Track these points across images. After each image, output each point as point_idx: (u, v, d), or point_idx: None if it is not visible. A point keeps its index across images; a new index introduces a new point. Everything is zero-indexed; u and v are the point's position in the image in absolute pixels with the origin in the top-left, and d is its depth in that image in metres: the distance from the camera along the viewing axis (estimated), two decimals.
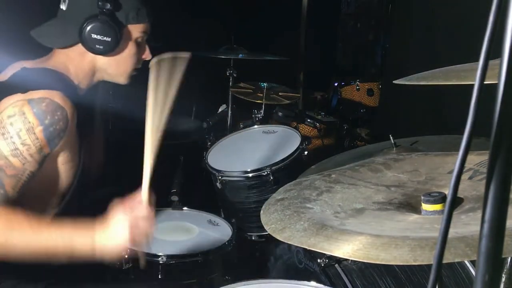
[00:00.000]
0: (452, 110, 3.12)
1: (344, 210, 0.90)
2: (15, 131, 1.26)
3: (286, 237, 0.82)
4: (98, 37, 1.41)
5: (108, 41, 1.42)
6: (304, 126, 3.28)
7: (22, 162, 1.28)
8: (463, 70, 0.90)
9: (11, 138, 1.26)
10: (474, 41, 0.88)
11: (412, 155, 1.13)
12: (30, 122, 1.27)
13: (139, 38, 1.51)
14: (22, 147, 1.27)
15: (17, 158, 1.27)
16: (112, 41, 1.43)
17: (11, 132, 1.26)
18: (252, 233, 2.41)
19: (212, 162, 2.43)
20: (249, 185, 2.32)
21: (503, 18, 0.47)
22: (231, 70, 3.18)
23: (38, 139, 1.28)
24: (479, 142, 0.87)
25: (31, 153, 1.28)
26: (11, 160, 1.26)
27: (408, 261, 0.68)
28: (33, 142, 1.28)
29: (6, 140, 1.26)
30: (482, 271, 0.51)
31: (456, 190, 0.51)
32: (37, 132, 1.28)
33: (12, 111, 1.27)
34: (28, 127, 1.27)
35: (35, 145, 1.29)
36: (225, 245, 1.91)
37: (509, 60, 0.46)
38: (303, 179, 1.06)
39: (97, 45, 1.42)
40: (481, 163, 0.98)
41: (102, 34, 1.41)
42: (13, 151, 1.26)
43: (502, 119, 0.48)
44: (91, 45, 1.42)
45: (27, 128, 1.27)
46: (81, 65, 1.47)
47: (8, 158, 1.26)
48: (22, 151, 1.27)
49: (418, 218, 0.86)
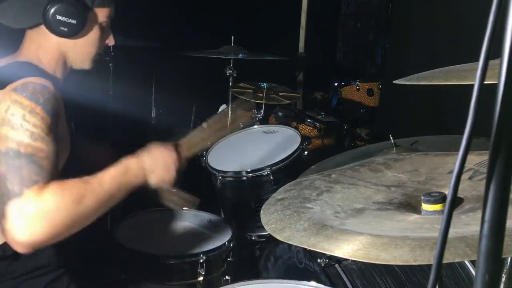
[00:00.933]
0: (452, 110, 3.12)
1: (344, 210, 0.90)
2: (21, 119, 1.25)
3: (286, 237, 0.82)
4: (63, 19, 1.38)
5: (74, 23, 1.39)
6: (304, 126, 3.28)
7: (44, 143, 1.27)
8: (463, 70, 0.90)
9: (21, 126, 1.25)
10: (474, 41, 0.88)
11: (412, 155, 1.13)
12: (28, 105, 1.26)
13: (104, 23, 1.48)
14: (35, 129, 1.26)
15: (39, 141, 1.26)
16: (77, 24, 1.40)
17: (18, 121, 1.25)
18: (252, 233, 2.41)
19: (212, 162, 2.43)
20: (249, 185, 2.32)
21: (503, 18, 0.47)
22: (231, 70, 3.18)
23: (43, 118, 1.27)
24: (479, 142, 0.87)
25: (46, 132, 1.27)
26: (35, 144, 1.25)
27: (408, 261, 0.68)
28: (41, 121, 1.27)
29: (18, 130, 1.25)
30: (482, 271, 0.51)
31: (456, 190, 0.51)
32: (39, 112, 1.27)
33: (5, 105, 1.26)
34: (30, 110, 1.26)
35: (44, 123, 1.28)
36: (225, 245, 1.91)
37: (509, 60, 0.46)
38: (303, 179, 1.06)
39: (61, 27, 1.38)
40: (481, 163, 0.98)
41: (67, 16, 1.38)
42: (31, 136, 1.25)
43: (502, 119, 0.48)
44: (56, 27, 1.39)
45: (29, 111, 1.26)
46: (50, 51, 1.44)
47: (32, 144, 1.25)
48: (39, 133, 1.26)
49: (418, 218, 0.86)
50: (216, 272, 1.89)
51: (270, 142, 2.55)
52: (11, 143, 1.23)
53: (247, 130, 2.71)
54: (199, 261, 1.81)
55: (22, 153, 1.23)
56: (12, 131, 1.24)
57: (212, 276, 1.87)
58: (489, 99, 0.49)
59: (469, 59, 0.89)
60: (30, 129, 1.25)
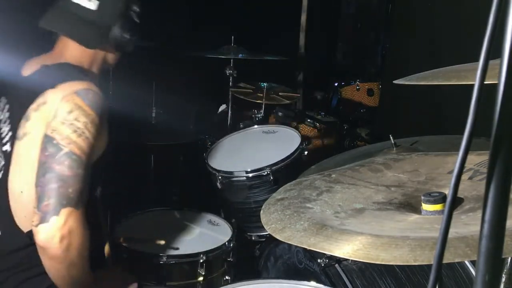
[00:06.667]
0: (452, 110, 3.12)
1: (344, 210, 0.90)
2: (84, 126, 1.33)
3: (286, 237, 0.82)
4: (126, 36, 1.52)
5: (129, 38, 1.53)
6: (304, 126, 3.28)
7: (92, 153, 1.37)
8: (463, 70, 0.90)
9: (83, 134, 1.33)
10: (474, 41, 0.88)
11: (412, 155, 1.13)
12: (91, 115, 1.35)
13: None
14: (93, 140, 1.35)
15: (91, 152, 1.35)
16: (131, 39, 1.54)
17: (81, 127, 1.33)
18: (252, 233, 2.41)
19: (212, 162, 2.43)
20: (249, 185, 2.32)
21: (503, 18, 0.47)
22: (231, 70, 3.18)
23: (98, 129, 1.37)
24: (479, 142, 0.87)
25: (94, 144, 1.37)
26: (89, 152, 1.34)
27: (408, 261, 0.68)
28: (96, 132, 1.36)
29: (81, 137, 1.32)
30: (482, 271, 0.51)
31: (456, 190, 0.51)
32: (97, 123, 1.36)
33: (68, 106, 1.33)
34: (92, 119, 1.35)
35: (96, 135, 1.37)
36: (225, 245, 1.90)
37: (509, 60, 0.46)
38: (303, 179, 1.06)
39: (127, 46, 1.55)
40: (481, 163, 0.98)
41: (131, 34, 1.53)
42: (89, 146, 1.34)
43: (502, 119, 0.48)
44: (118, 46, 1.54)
45: (91, 120, 1.35)
46: (96, 56, 1.55)
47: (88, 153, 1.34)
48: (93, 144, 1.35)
49: (418, 218, 0.86)
50: (216, 272, 1.89)
51: (270, 142, 2.55)
52: (75, 148, 1.31)
53: (247, 130, 2.71)
54: (199, 261, 1.81)
55: (84, 162, 1.32)
56: (75, 135, 1.32)
57: (212, 276, 1.87)
58: (489, 99, 0.49)
59: (469, 59, 0.89)
60: (90, 139, 1.34)
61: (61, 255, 1.28)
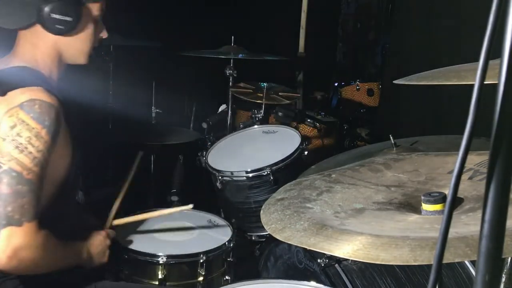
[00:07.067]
0: (452, 110, 3.12)
1: (344, 210, 0.90)
2: (27, 142, 1.27)
3: (286, 237, 0.82)
4: (59, 17, 1.38)
5: (69, 20, 1.40)
6: (304, 126, 3.29)
7: (43, 170, 1.30)
8: (463, 70, 0.90)
9: (26, 149, 1.27)
10: (474, 41, 0.88)
11: (412, 155, 1.13)
12: (35, 128, 1.28)
13: (97, 16, 1.50)
14: (38, 154, 1.28)
15: (39, 167, 1.28)
16: (73, 20, 1.41)
17: (23, 143, 1.27)
18: (252, 233, 2.41)
19: (212, 162, 2.43)
20: (249, 185, 2.32)
21: (503, 18, 0.47)
22: (231, 70, 3.18)
23: (46, 141, 1.29)
24: (479, 142, 0.87)
25: (45, 157, 1.30)
26: (36, 170, 1.28)
27: (408, 261, 0.68)
28: (44, 145, 1.29)
29: (23, 153, 1.26)
30: (482, 271, 0.51)
31: (456, 190, 0.51)
32: (44, 136, 1.29)
33: (11, 121, 1.27)
34: (36, 134, 1.28)
35: (46, 148, 1.30)
36: (225, 245, 1.90)
37: (509, 60, 0.46)
38: (303, 179, 1.06)
39: (57, 25, 1.40)
40: (481, 163, 0.98)
41: (62, 13, 1.39)
42: (33, 161, 1.27)
43: (502, 119, 0.48)
44: (52, 25, 1.39)
45: (35, 135, 1.27)
46: (46, 50, 1.45)
47: (33, 169, 1.27)
48: (40, 159, 1.28)
49: (418, 218, 0.86)
50: (216, 272, 1.89)
51: (270, 142, 2.55)
52: (15, 165, 1.25)
53: (247, 130, 2.70)
54: (199, 261, 1.81)
55: (25, 178, 1.26)
56: (16, 151, 1.26)
57: (212, 276, 1.87)
58: (489, 99, 0.49)
59: (469, 59, 0.89)
60: (34, 153, 1.27)
61: (17, 269, 1.28)
